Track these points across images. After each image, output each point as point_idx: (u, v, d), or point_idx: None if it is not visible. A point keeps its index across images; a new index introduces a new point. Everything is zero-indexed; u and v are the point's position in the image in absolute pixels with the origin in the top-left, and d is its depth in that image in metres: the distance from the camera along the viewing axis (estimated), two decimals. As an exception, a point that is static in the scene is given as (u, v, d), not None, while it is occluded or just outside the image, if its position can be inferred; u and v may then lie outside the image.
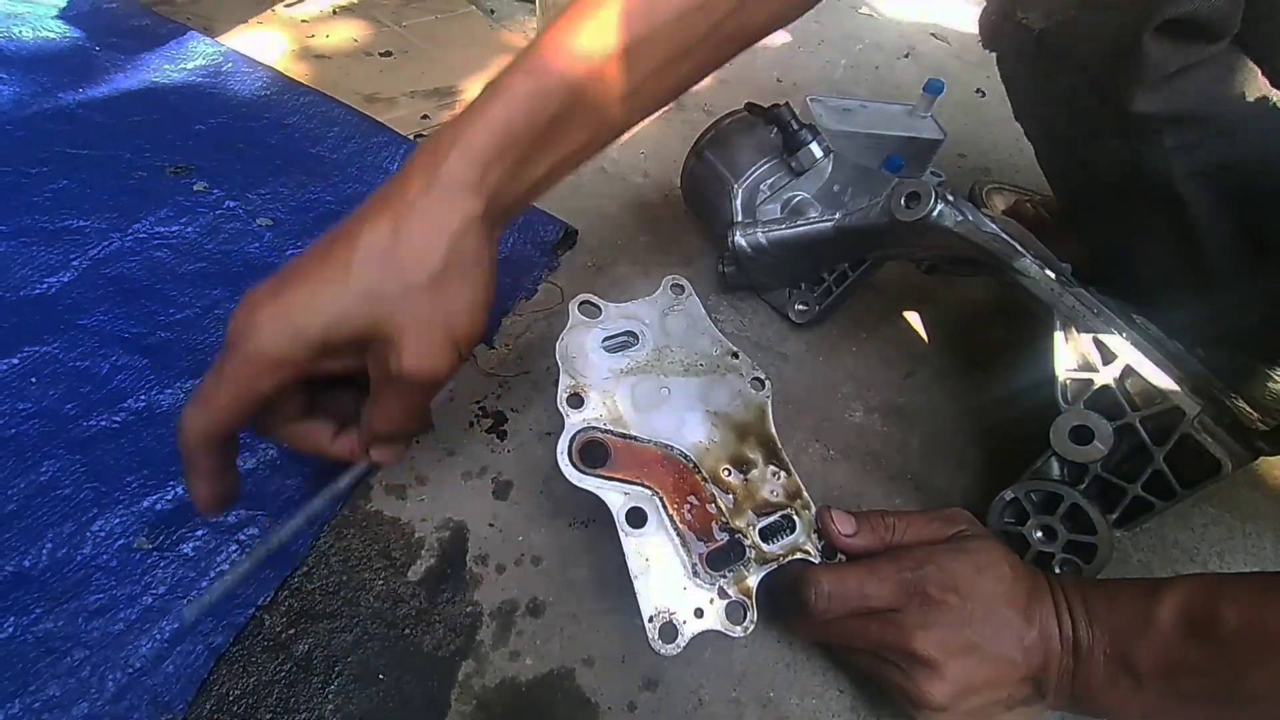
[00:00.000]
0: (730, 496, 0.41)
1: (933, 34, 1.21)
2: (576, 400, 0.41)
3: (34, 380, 0.47)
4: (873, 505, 0.51)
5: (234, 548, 0.42)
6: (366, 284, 0.32)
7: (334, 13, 0.95)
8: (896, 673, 0.37)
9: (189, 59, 0.78)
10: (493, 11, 1.01)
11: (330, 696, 0.38)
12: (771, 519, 0.41)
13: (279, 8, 0.93)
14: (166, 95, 0.73)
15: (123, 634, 0.38)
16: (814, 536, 0.41)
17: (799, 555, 0.40)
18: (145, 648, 0.38)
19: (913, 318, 0.67)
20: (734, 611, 0.37)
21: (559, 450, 0.38)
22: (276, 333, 0.32)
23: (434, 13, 0.99)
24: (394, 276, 0.32)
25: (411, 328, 0.33)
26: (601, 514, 0.47)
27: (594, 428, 0.40)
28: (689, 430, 0.42)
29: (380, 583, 0.43)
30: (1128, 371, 0.44)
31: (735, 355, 0.47)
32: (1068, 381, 0.46)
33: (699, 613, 0.36)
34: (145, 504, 0.43)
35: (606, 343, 0.44)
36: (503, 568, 0.44)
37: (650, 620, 0.35)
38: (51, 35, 0.76)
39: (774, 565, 0.39)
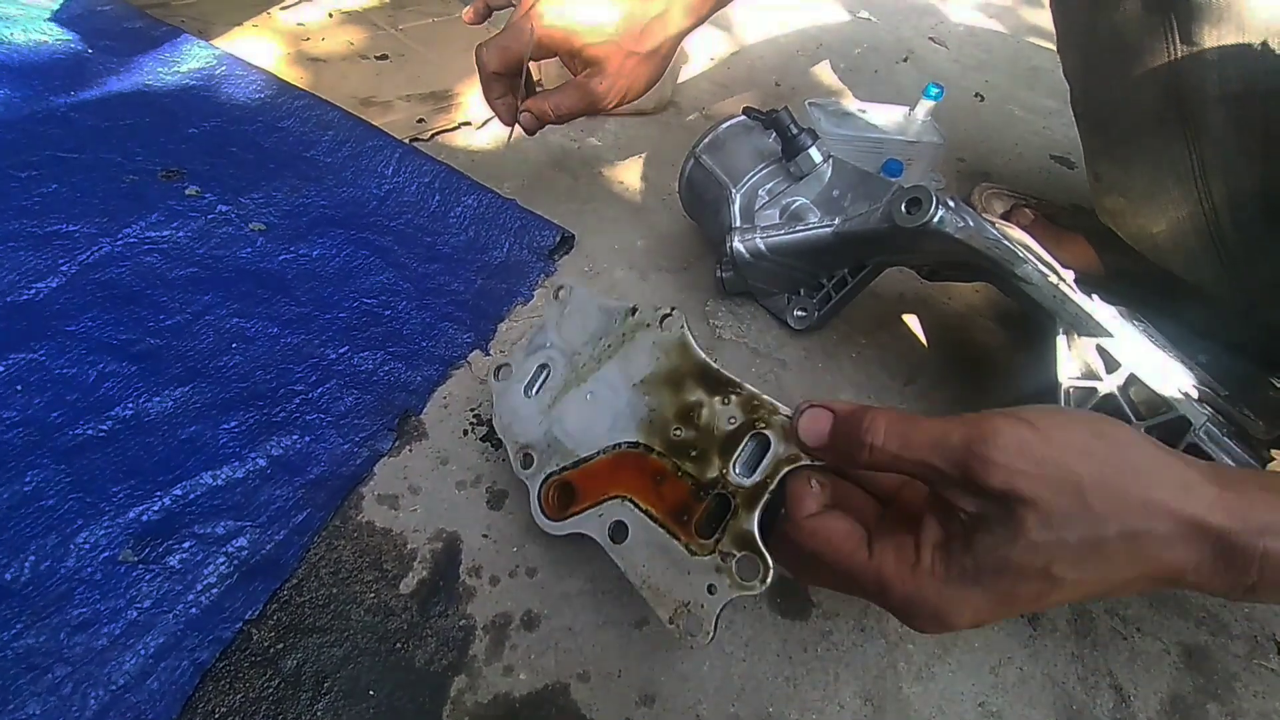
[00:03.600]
0: (692, 452, 0.37)
1: (931, 38, 1.21)
2: (528, 460, 0.43)
3: (19, 388, 0.46)
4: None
5: (221, 560, 0.41)
6: (616, 32, 0.52)
7: (330, 16, 0.94)
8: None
9: (183, 62, 0.77)
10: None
11: (319, 713, 0.37)
12: (741, 450, 0.36)
13: (274, 11, 0.93)
14: (159, 98, 0.72)
15: (106, 649, 0.37)
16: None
17: (787, 469, 0.33)
18: (129, 664, 0.37)
19: (913, 323, 0.66)
20: (745, 569, 0.33)
21: (533, 513, 0.41)
22: (557, 14, 0.52)
23: (430, 16, 0.98)
24: (633, 42, 0.53)
25: (619, 73, 0.54)
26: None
27: (552, 474, 0.42)
28: (625, 417, 0.41)
29: (371, 595, 0.42)
30: (1132, 380, 0.43)
31: (633, 311, 0.43)
32: (1071, 389, 0.45)
33: (711, 589, 0.34)
34: (131, 515, 0.42)
35: (528, 391, 0.46)
36: (496, 580, 0.43)
37: (671, 622, 0.34)
38: (44, 38, 0.76)
39: (766, 497, 0.34)
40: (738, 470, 0.35)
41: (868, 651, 0.43)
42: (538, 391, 0.45)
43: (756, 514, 0.33)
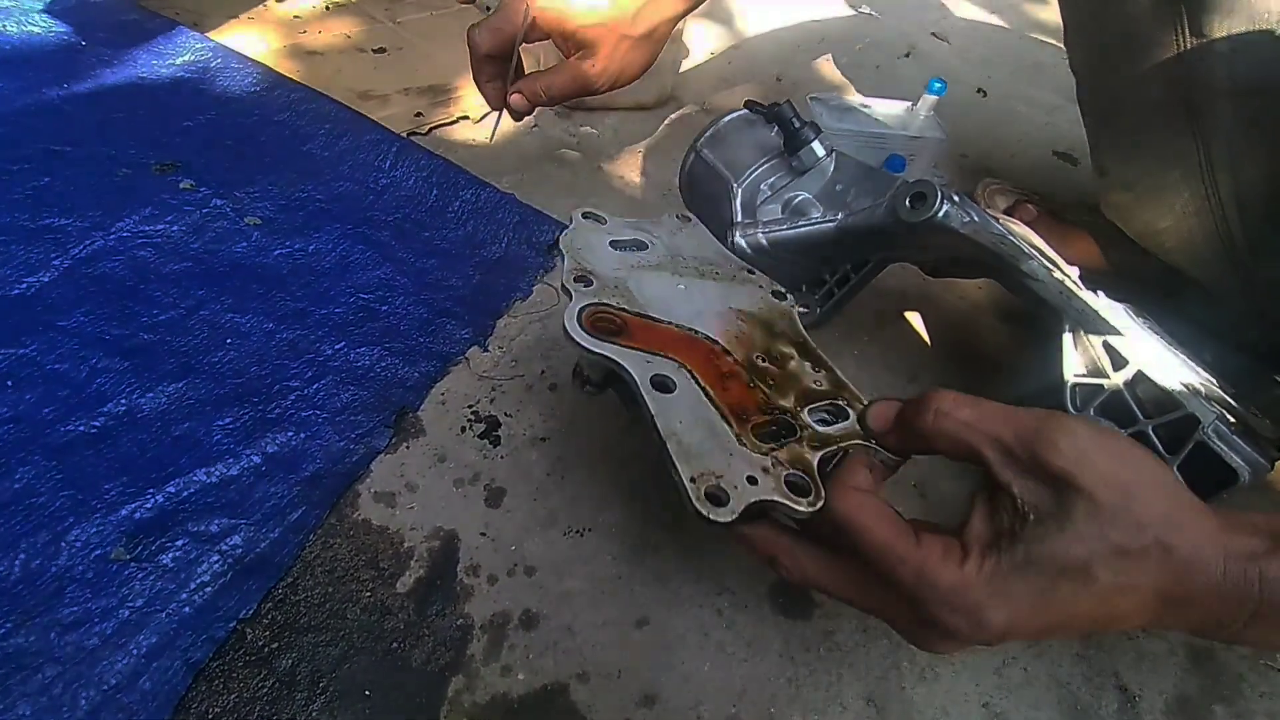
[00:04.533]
0: (770, 382, 0.35)
1: (934, 33, 1.20)
2: (585, 280, 0.36)
3: (10, 383, 0.45)
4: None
5: (215, 558, 0.40)
6: (609, 14, 0.52)
7: (327, 9, 0.93)
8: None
9: (177, 54, 0.76)
10: (489, 8, 1.00)
11: (315, 714, 0.36)
12: (820, 405, 0.35)
13: (270, 3, 0.92)
14: (154, 91, 0.71)
15: (97, 649, 0.36)
16: None
17: (858, 442, 0.33)
18: (121, 664, 0.36)
19: (915, 320, 0.65)
20: (795, 484, 0.30)
21: (566, 316, 0.33)
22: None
23: (428, 9, 0.97)
24: (627, 24, 0.52)
25: (612, 55, 0.54)
26: (598, 520, 0.46)
27: (606, 304, 0.35)
28: (712, 319, 0.37)
29: (368, 594, 0.41)
30: (1139, 377, 0.43)
31: (751, 272, 0.44)
32: (1077, 387, 0.45)
33: (752, 480, 0.29)
34: (124, 512, 0.41)
35: (614, 245, 0.41)
36: (495, 578, 0.43)
37: (693, 481, 0.28)
38: (37, 30, 0.75)
39: (832, 449, 0.32)
40: (808, 415, 0.34)
41: (871, 652, 0.42)
42: (625, 250, 0.41)
43: (820, 454, 0.32)
